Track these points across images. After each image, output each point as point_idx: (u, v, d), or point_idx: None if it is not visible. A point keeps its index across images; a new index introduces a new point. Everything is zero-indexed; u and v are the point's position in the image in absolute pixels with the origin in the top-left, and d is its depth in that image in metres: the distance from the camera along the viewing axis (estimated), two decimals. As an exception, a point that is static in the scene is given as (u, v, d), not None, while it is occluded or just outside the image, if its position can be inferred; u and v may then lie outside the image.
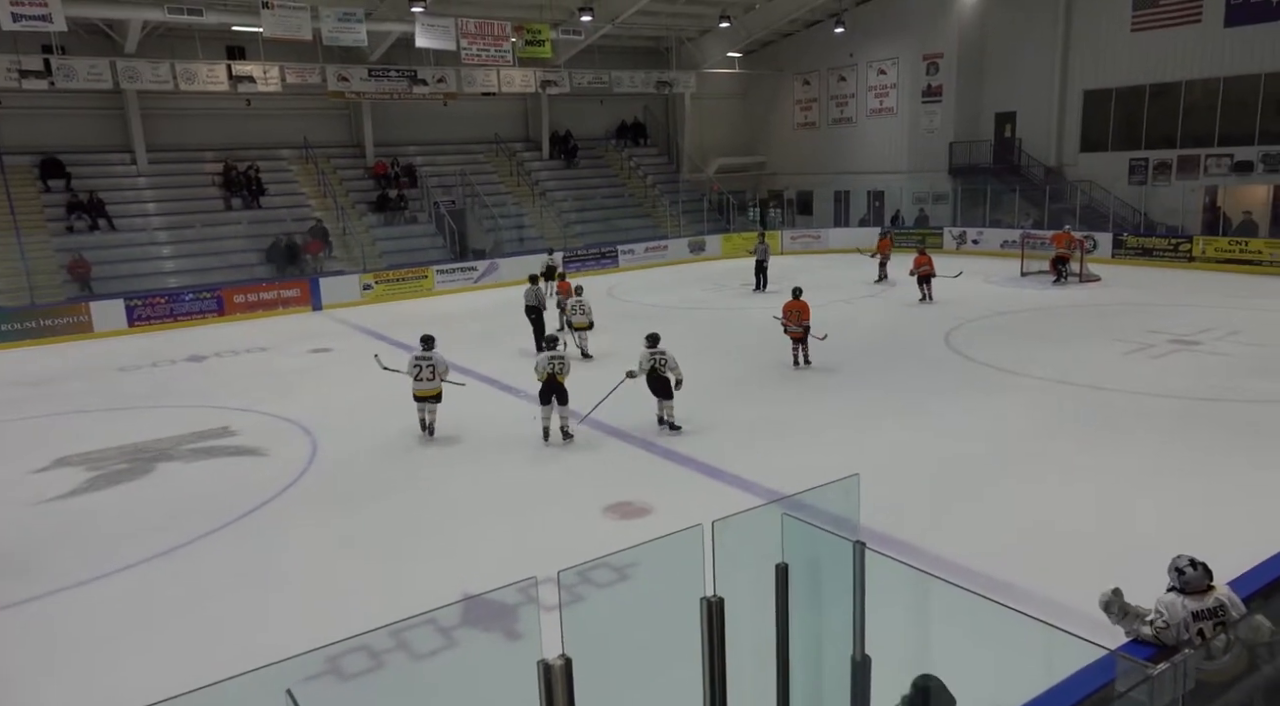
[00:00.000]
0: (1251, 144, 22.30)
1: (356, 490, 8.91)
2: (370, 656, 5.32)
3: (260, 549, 7.67)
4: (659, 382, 10.32)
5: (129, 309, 19.11)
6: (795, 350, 13.28)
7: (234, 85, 21.87)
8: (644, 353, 10.40)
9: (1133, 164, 24.57)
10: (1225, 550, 4.89)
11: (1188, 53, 22.99)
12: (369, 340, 17.11)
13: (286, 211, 23.58)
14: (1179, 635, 4.01)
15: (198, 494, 9.01)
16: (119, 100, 22.17)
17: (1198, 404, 10.54)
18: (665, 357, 10.30)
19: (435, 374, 10.38)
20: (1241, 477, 8.20)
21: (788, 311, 13.31)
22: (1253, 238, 21.34)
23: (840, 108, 30.91)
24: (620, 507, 8.12)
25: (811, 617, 3.22)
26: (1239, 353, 12.93)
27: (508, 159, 28.58)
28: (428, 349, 10.49)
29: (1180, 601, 4.03)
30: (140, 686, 5.61)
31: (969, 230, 26.66)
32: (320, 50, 22.43)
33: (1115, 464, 8.71)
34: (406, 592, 6.62)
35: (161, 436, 10.95)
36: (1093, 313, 16.69)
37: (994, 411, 10.61)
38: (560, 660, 2.51)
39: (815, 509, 3.29)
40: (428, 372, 10.36)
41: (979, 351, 13.72)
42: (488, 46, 23.21)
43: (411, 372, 10.41)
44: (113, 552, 7.60)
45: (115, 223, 21.43)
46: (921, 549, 6.87)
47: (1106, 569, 5.57)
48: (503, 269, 24.01)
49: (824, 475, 3.65)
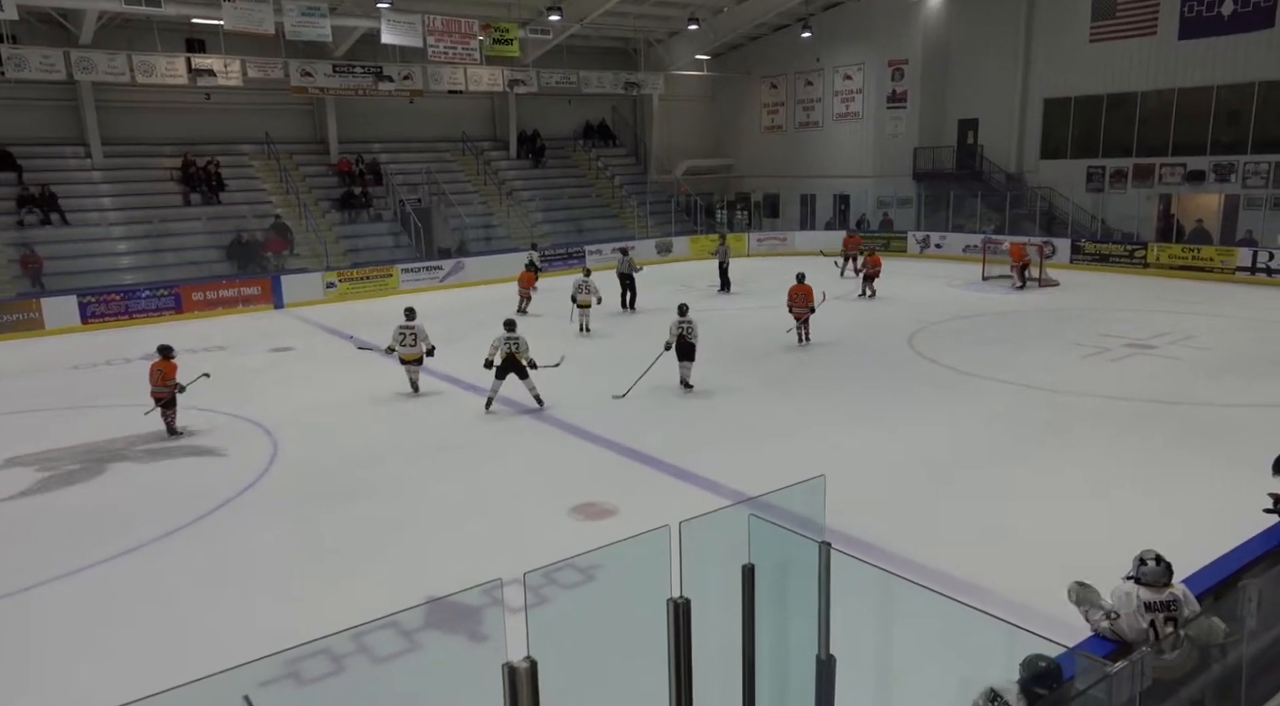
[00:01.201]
0: (1204, 154, 22.91)
1: (318, 491, 8.76)
2: (331, 660, 5.23)
3: (218, 551, 7.51)
4: (685, 347, 11.94)
5: (82, 306, 18.63)
6: (798, 329, 14.89)
7: (193, 79, 21.44)
8: (674, 321, 12.05)
9: (1090, 171, 25.12)
10: (1180, 549, 5.00)
11: (1144, 64, 23.57)
12: (332, 339, 16.87)
13: (247, 208, 23.16)
14: (1132, 624, 4.11)
15: (153, 495, 8.80)
16: (73, 92, 21.61)
17: (1154, 406, 10.79)
18: (691, 326, 11.97)
19: (417, 340, 12.03)
20: (1197, 478, 8.40)
21: (793, 295, 14.83)
22: (1205, 245, 21.92)
23: (807, 112, 31.17)
24: (586, 508, 8.09)
25: (777, 617, 3.23)
26: (1193, 357, 13.26)
27: (474, 158, 28.38)
28: (410, 319, 12.19)
29: (1136, 591, 4.15)
30: (94, 692, 5.47)
31: (932, 235, 27.05)
32: (283, 44, 22.08)
33: (1074, 465, 8.87)
34: (369, 595, 6.53)
35: (116, 436, 10.68)
36: (1052, 317, 17.01)
37: (956, 413, 10.76)
38: (525, 662, 2.48)
39: (781, 509, 3.30)
40: (410, 339, 12.02)
41: (941, 354, 13.91)
42: (455, 44, 23.04)
43: (397, 340, 12.09)
44: (66, 555, 7.39)
45: (68, 217, 20.87)
46: (885, 548, 6.94)
47: (1065, 568, 5.66)
48: (469, 268, 23.84)
49: (789, 476, 3.67)
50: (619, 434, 10.21)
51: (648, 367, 12.03)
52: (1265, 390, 11.34)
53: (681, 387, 12.05)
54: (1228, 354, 13.43)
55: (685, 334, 11.90)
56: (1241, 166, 22.27)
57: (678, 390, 12.17)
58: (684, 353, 11.96)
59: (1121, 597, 4.21)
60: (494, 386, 11.33)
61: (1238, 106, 22.27)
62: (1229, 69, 22.10)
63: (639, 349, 13.24)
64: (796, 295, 14.78)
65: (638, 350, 13.19)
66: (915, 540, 7.13)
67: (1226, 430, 9.84)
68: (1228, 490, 7.66)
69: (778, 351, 14.44)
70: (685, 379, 12.13)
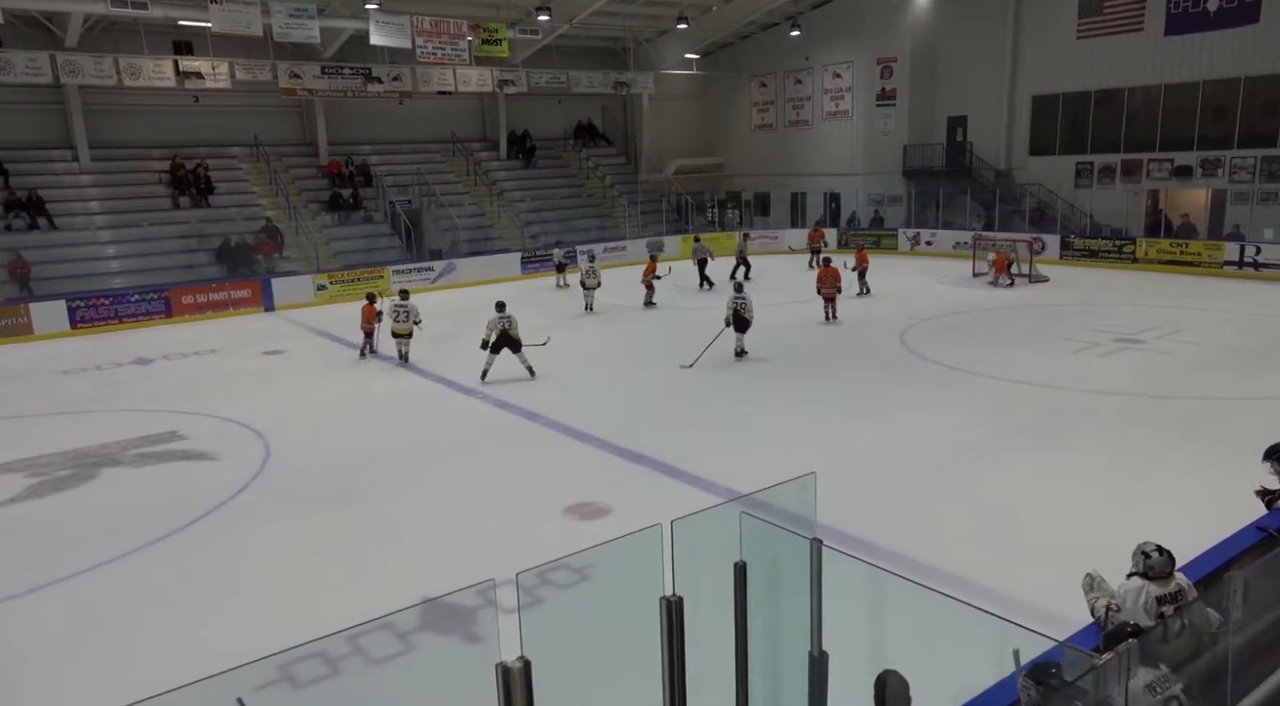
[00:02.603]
0: (1191, 149, 23.05)
1: (311, 494, 8.75)
2: (325, 662, 5.24)
3: (212, 556, 7.49)
4: (741, 321, 13.67)
5: (71, 310, 18.54)
6: (826, 309, 16.51)
7: (181, 81, 21.36)
8: (730, 297, 13.76)
9: (1079, 167, 25.25)
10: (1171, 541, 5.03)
11: (1130, 60, 23.69)
12: (323, 342, 16.83)
13: (237, 211, 23.09)
14: (1132, 619, 4.12)
15: (145, 500, 8.77)
16: (59, 95, 21.50)
17: (1143, 401, 10.86)
18: (746, 302, 13.68)
19: (409, 317, 14.13)
20: (1187, 472, 8.46)
21: (821, 277, 16.50)
22: (1192, 240, 22.06)
23: (797, 110, 31.23)
24: (580, 508, 8.10)
25: (770, 614, 3.25)
26: (1181, 351, 13.35)
27: (465, 158, 28.34)
28: (404, 299, 14.40)
29: (1146, 587, 4.12)
30: (87, 697, 5.45)
31: (922, 231, 27.14)
32: (271, 46, 22.02)
33: (1065, 460, 8.92)
34: (363, 597, 6.52)
35: (107, 441, 10.64)
36: (1042, 313, 17.09)
37: (947, 409, 10.80)
38: (519, 662, 2.49)
39: (773, 507, 3.32)
40: (402, 316, 14.16)
41: (932, 351, 13.96)
42: (444, 45, 23.01)
43: (393, 316, 14.15)
44: (57, 561, 7.36)
45: (56, 221, 20.77)
46: (877, 545, 6.97)
47: (1056, 562, 5.72)
48: (460, 269, 23.81)
49: (781, 473, 3.69)
50: (612, 433, 10.22)
51: (711, 341, 13.63)
52: (1254, 384, 11.43)
53: (735, 357, 13.73)
54: (1216, 348, 13.52)
55: (740, 309, 13.57)
56: (1228, 161, 22.41)
57: (672, 389, 12.19)
58: (740, 326, 13.71)
59: (1132, 594, 4.15)
60: (489, 359, 12.79)
61: (1224, 102, 22.40)
62: (1215, 65, 22.24)
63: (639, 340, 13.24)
64: (825, 277, 16.44)
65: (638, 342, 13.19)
66: (907, 536, 7.16)
67: (1216, 424, 9.91)
68: (1218, 482, 7.72)
69: (769, 349, 14.47)
70: (741, 348, 13.85)
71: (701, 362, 13.79)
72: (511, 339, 12.75)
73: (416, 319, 14.20)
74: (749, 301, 13.66)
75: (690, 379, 12.83)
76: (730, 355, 14.01)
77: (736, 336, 13.77)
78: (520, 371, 12.90)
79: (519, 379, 13.00)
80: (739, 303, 13.57)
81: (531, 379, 12.75)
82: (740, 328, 13.70)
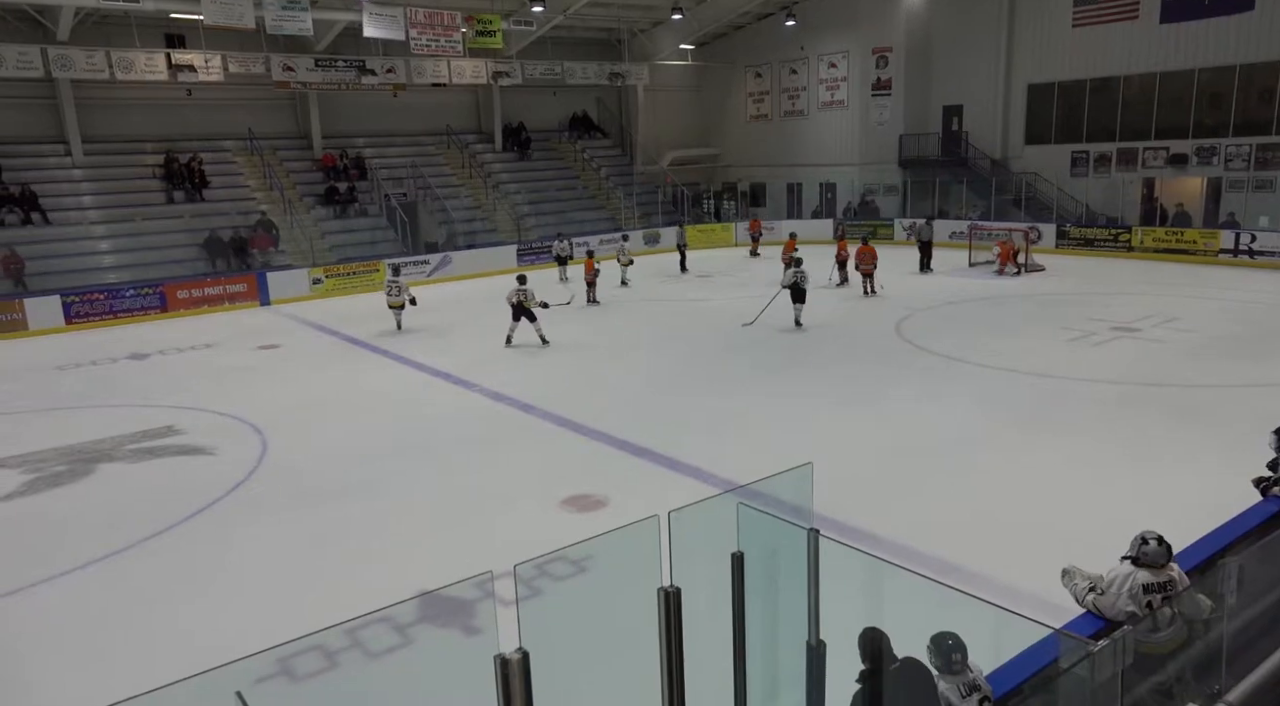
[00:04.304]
0: (1186, 137, 23.05)
1: (308, 489, 8.75)
2: (324, 656, 5.25)
3: (209, 551, 7.50)
4: (798, 292, 15.02)
5: (66, 306, 18.48)
6: (865, 283, 18.17)
7: (174, 74, 21.25)
8: (790, 270, 15.20)
9: (1075, 156, 25.24)
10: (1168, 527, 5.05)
11: (1126, 48, 23.66)
12: (319, 335, 16.81)
13: (231, 205, 23.00)
14: (1115, 603, 4.14)
15: (142, 495, 8.76)
16: (51, 89, 21.36)
17: (1139, 389, 10.89)
18: (804, 274, 15.07)
19: (400, 291, 16.19)
20: (1183, 459, 8.49)
21: (860, 255, 18.24)
22: (1187, 228, 22.08)
23: (792, 100, 31.16)
24: (577, 500, 8.11)
25: (767, 604, 3.26)
26: (1176, 339, 13.38)
27: (460, 151, 28.25)
28: (396, 275, 16.71)
29: (1135, 573, 4.15)
30: (85, 692, 5.46)
31: (918, 221, 27.08)
32: (264, 39, 21.90)
33: (1062, 448, 8.95)
34: (360, 591, 6.53)
35: (103, 437, 10.62)
36: (1038, 302, 17.12)
37: (944, 398, 10.83)
38: (517, 654, 2.50)
39: (770, 497, 3.32)
40: (395, 290, 16.26)
41: (929, 340, 13.98)
42: (437, 37, 22.89)
43: (387, 290, 16.45)
44: (53, 557, 7.36)
45: (50, 216, 20.68)
46: (874, 533, 6.99)
47: (1054, 550, 5.73)
48: (456, 262, 23.76)
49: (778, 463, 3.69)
50: (608, 425, 10.23)
51: (769, 303, 15.58)
52: (1248, 371, 11.46)
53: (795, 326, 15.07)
54: (1211, 336, 13.55)
55: (799, 282, 14.95)
56: (1223, 149, 22.42)
57: (667, 383, 12.22)
58: (797, 296, 15.02)
59: (1120, 578, 4.20)
60: (511, 327, 14.56)
61: (1219, 90, 22.40)
62: (1210, 52, 22.22)
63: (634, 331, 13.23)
64: (864, 255, 18.10)
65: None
66: (905, 524, 7.18)
67: (1211, 411, 9.94)
68: (1214, 470, 7.76)
69: (766, 339, 14.48)
70: (798, 318, 15.14)
71: (700, 353, 13.81)
72: (526, 310, 14.25)
73: (411, 296, 16.19)
74: (806, 275, 15.11)
75: (687, 370, 12.84)
76: (727, 345, 14.14)
77: (795, 307, 15.11)
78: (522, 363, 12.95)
79: (515, 370, 13.01)
80: (798, 275, 14.99)
81: (543, 346, 14.34)
82: (796, 298, 15.00)
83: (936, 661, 3.38)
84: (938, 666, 3.37)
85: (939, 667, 3.37)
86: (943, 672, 3.36)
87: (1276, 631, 3.71)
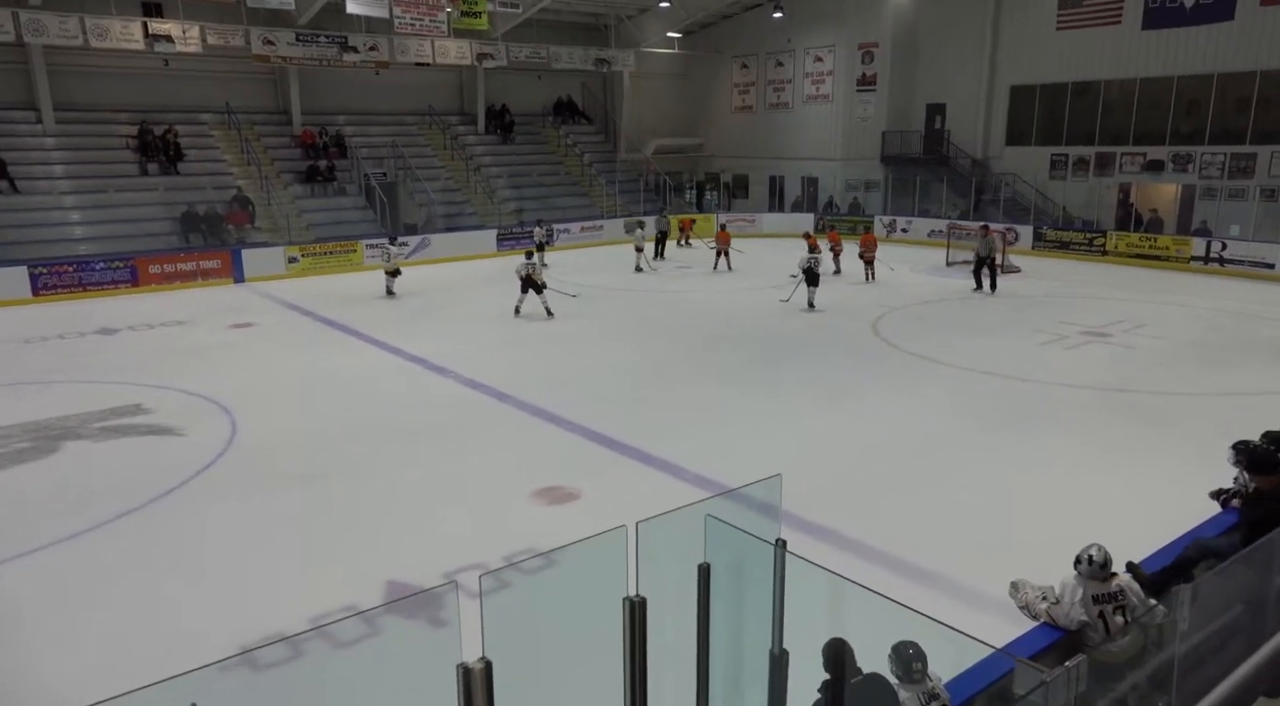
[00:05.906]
0: (1163, 144, 23.33)
1: (278, 473, 8.67)
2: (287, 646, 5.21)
3: (175, 534, 7.42)
4: (812, 276, 16.11)
5: (33, 277, 18.13)
6: (866, 270, 19.34)
7: (150, 44, 20.83)
8: (803, 256, 16.17)
9: (1054, 159, 25.46)
10: (1135, 534, 5.16)
11: (1108, 53, 23.86)
12: (294, 315, 16.63)
13: (207, 179, 22.64)
14: (1069, 612, 4.28)
15: (107, 475, 8.65)
16: (23, 54, 20.85)
17: (1108, 394, 11.05)
18: (818, 259, 16.19)
19: (390, 258, 18.15)
20: (1151, 465, 8.62)
21: (864, 242, 19.58)
22: (1160, 234, 22.38)
23: (777, 93, 31.13)
24: (549, 492, 8.10)
25: (732, 614, 3.28)
26: (1145, 345, 13.59)
27: (441, 132, 27.96)
28: (392, 244, 18.64)
29: (1081, 585, 4.30)
30: (46, 680, 5.39)
31: (899, 219, 27.27)
32: (244, 11, 21.51)
33: (1032, 451, 9.07)
34: (326, 578, 6.51)
35: (68, 413, 10.46)
36: (1013, 304, 17.29)
37: (918, 399, 10.92)
38: (480, 663, 2.50)
39: (739, 508, 3.34)
40: (384, 258, 18.26)
41: (905, 340, 14.09)
42: (422, 15, 22.63)
43: (382, 257, 18.43)
44: (14, 537, 7.25)
45: (18, 185, 20.24)
46: (845, 534, 7.06)
47: (1023, 554, 5.83)
48: (435, 245, 23.57)
49: (751, 461, 3.71)
50: (584, 417, 10.22)
51: (795, 287, 16.63)
52: (1216, 379, 11.66)
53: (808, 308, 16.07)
54: (1180, 343, 13.76)
55: (813, 266, 16.04)
56: (1199, 157, 22.71)
57: (644, 376, 12.25)
58: (811, 280, 16.07)
59: (1069, 588, 4.35)
60: (519, 298, 15.49)
61: (1197, 97, 22.66)
62: (1190, 60, 22.46)
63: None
64: (867, 243, 19.48)
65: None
66: (876, 527, 7.25)
67: (1179, 418, 10.11)
68: (1181, 477, 7.89)
69: (742, 336, 14.53)
70: (811, 300, 16.16)
71: (677, 347, 13.84)
72: (535, 283, 15.22)
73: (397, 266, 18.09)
74: (820, 259, 16.20)
75: (663, 363, 12.85)
76: (709, 338, 14.25)
77: (809, 290, 16.02)
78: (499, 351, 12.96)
79: (492, 358, 12.96)
80: (812, 260, 15.99)
81: (549, 318, 15.32)
82: (811, 282, 15.96)
83: (897, 669, 3.44)
84: (898, 675, 3.42)
85: (899, 676, 3.42)
86: (903, 681, 3.41)
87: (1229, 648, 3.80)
